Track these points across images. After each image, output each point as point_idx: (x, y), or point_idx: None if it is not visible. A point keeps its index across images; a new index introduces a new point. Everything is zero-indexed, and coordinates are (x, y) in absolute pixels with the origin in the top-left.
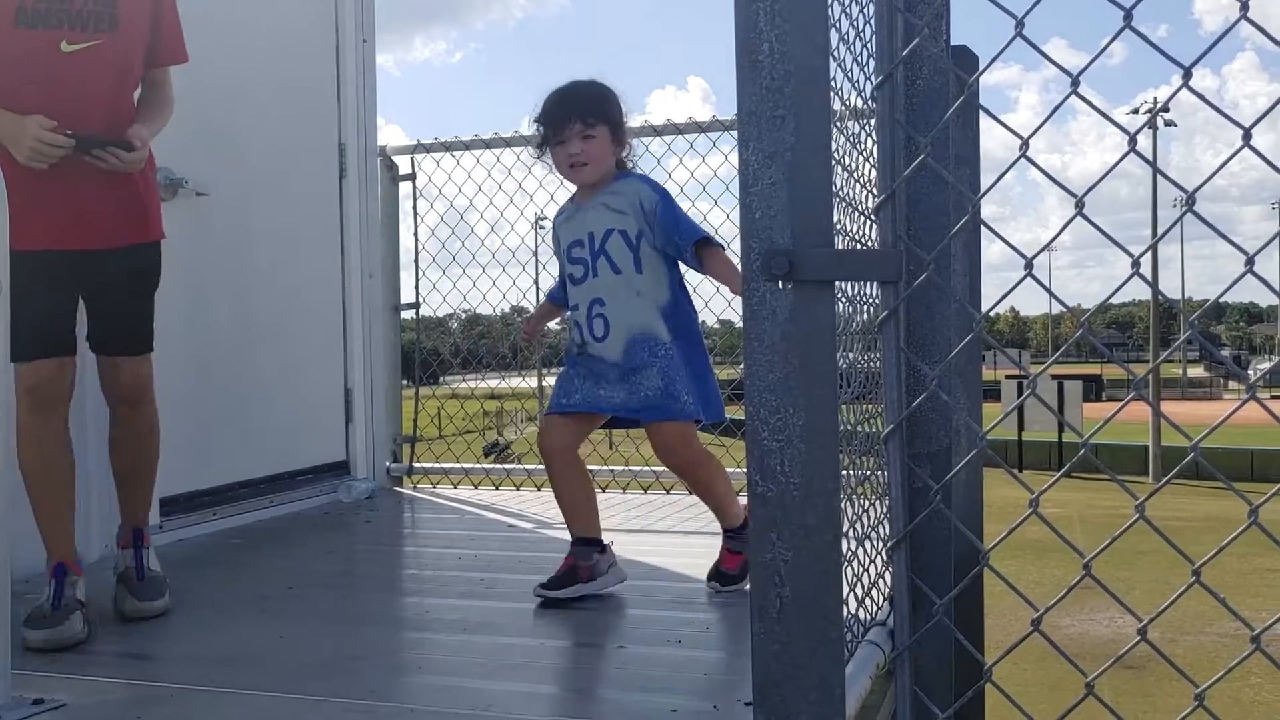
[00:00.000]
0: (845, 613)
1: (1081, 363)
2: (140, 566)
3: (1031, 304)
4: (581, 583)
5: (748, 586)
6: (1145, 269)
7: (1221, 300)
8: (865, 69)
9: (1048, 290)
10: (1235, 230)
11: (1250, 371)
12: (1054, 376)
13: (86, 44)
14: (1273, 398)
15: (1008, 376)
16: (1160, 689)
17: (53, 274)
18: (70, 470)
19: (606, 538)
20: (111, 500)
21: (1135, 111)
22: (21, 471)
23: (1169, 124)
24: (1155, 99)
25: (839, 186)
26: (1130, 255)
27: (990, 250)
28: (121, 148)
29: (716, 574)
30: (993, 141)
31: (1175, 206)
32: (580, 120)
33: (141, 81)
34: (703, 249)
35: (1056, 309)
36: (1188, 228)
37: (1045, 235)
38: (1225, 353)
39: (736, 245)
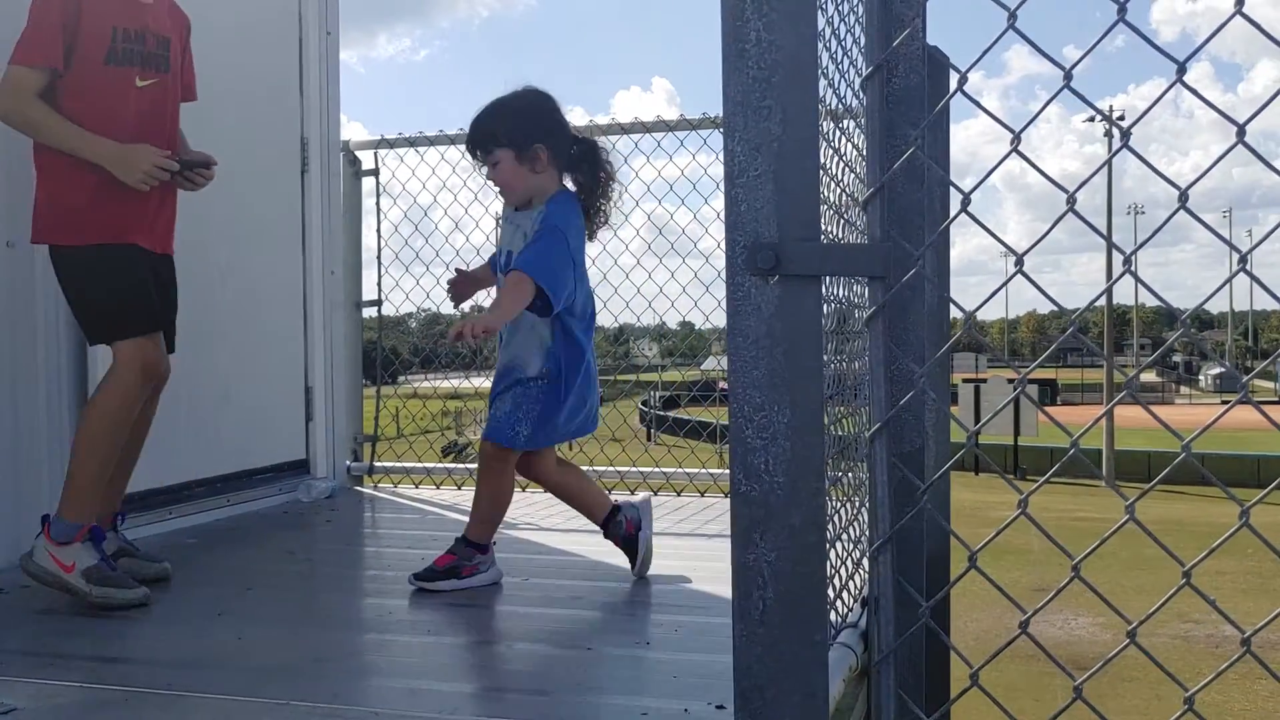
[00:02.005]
0: None
1: (1038, 367)
2: (129, 542)
3: (987, 308)
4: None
5: (441, 588)
6: (1103, 272)
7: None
8: (840, 66)
9: (1039, 289)
10: (1190, 236)
11: (1201, 377)
12: (1009, 380)
13: (153, 81)
14: (1223, 403)
15: (964, 380)
16: (1114, 690)
17: (144, 267)
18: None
19: (573, 539)
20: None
21: (1093, 119)
22: (103, 442)
23: (1134, 124)
24: (1111, 106)
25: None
26: (1123, 253)
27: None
28: (204, 168)
29: (426, 569)
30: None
31: (1129, 213)
32: (481, 151)
33: None
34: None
35: (1013, 314)
36: (1143, 235)
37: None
38: (1176, 358)
39: (703, 244)
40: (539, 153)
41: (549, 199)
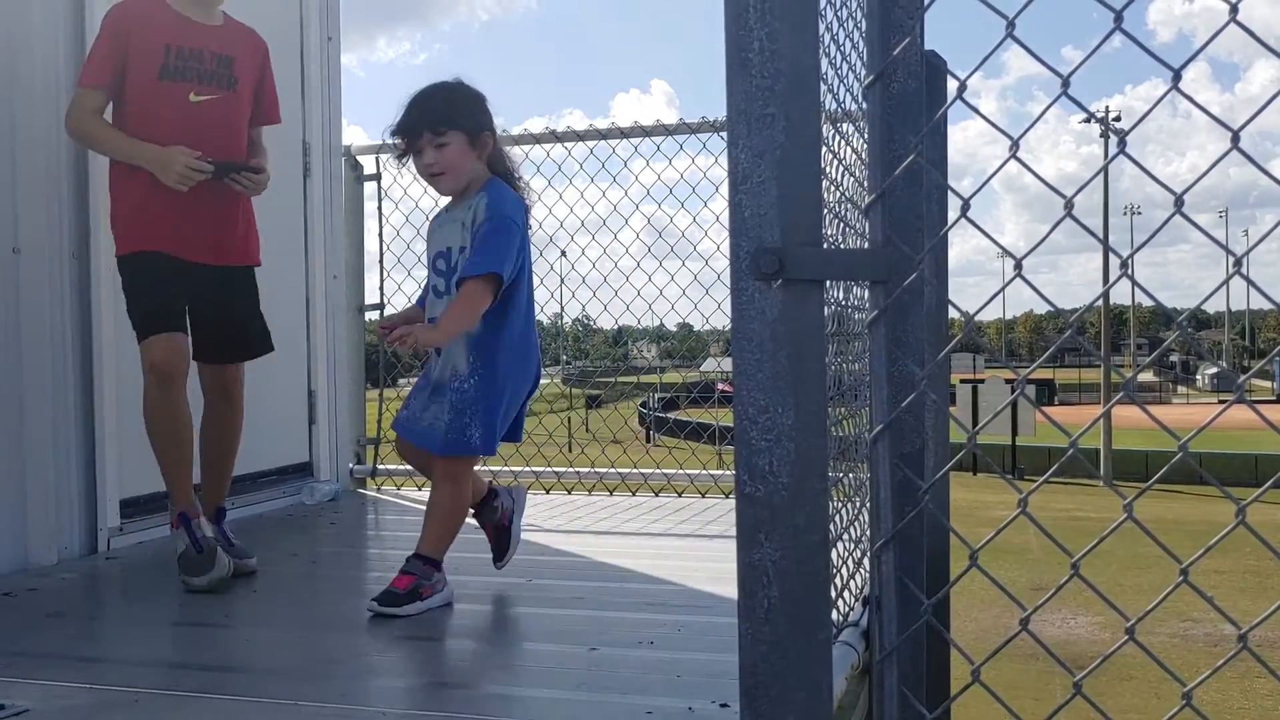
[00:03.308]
0: None
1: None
2: (227, 536)
3: (985, 309)
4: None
5: (406, 612)
6: (1106, 272)
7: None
8: (839, 71)
9: (1037, 292)
10: (1187, 237)
11: (1198, 376)
12: (1007, 380)
13: (209, 96)
14: (1220, 402)
15: (962, 380)
16: (1112, 689)
17: (168, 272)
18: (190, 432)
19: (575, 540)
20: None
21: (1088, 120)
22: (153, 435)
23: (1133, 128)
24: (1108, 107)
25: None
26: (1119, 256)
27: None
28: (251, 171)
29: (385, 593)
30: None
31: (1125, 214)
32: (429, 129)
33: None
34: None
35: (1009, 315)
36: (1139, 235)
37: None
38: (1174, 358)
39: (702, 246)
40: (487, 140)
41: (486, 188)
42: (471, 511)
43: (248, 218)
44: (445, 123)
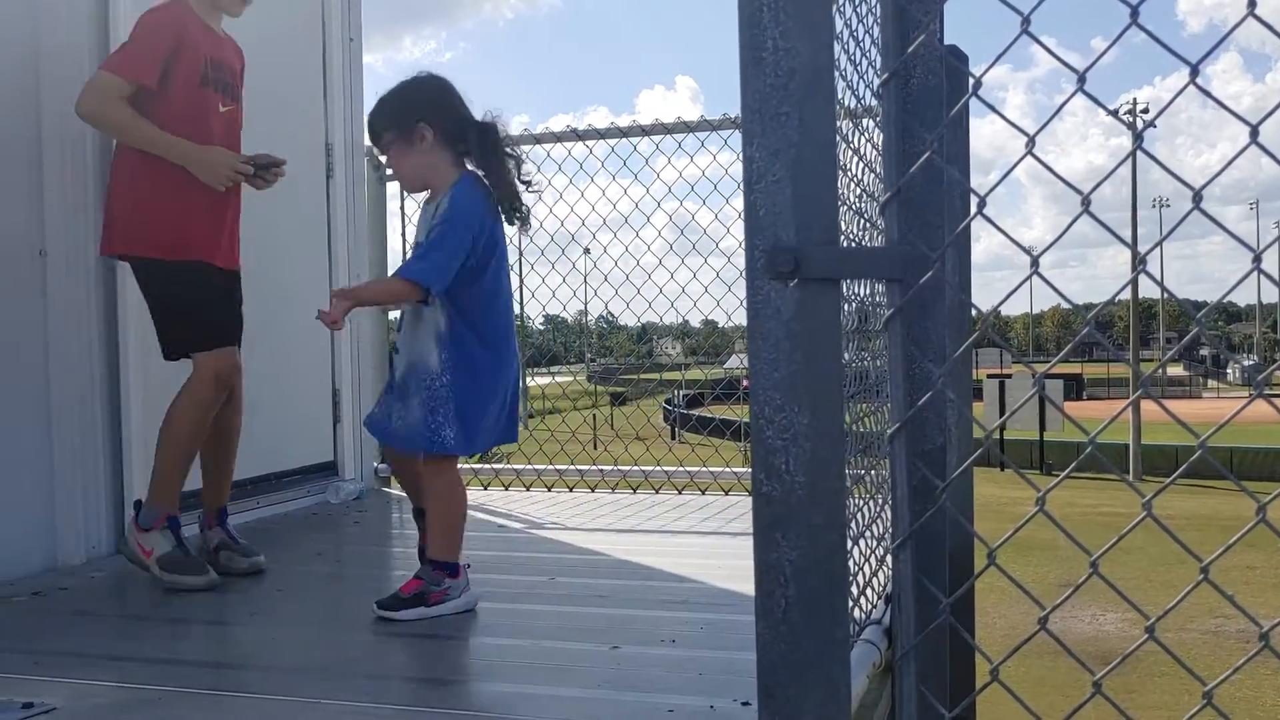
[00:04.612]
0: None
1: (1061, 361)
2: (233, 536)
3: (1012, 303)
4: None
5: (405, 617)
6: (1154, 263)
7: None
8: (859, 67)
9: (1054, 288)
10: (1217, 229)
11: (1228, 370)
12: (1034, 375)
13: (229, 108)
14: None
15: (989, 375)
16: (1143, 686)
17: (219, 281)
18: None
19: (598, 538)
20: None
21: (1115, 113)
22: (181, 441)
23: (1149, 125)
24: (1135, 100)
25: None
26: (1137, 252)
27: (973, 250)
28: (275, 166)
29: (391, 596)
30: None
31: (1154, 207)
32: (374, 143)
33: None
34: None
35: (1037, 309)
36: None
37: (1028, 235)
38: (1204, 352)
39: (725, 243)
40: (423, 131)
41: (452, 186)
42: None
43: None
44: (377, 134)
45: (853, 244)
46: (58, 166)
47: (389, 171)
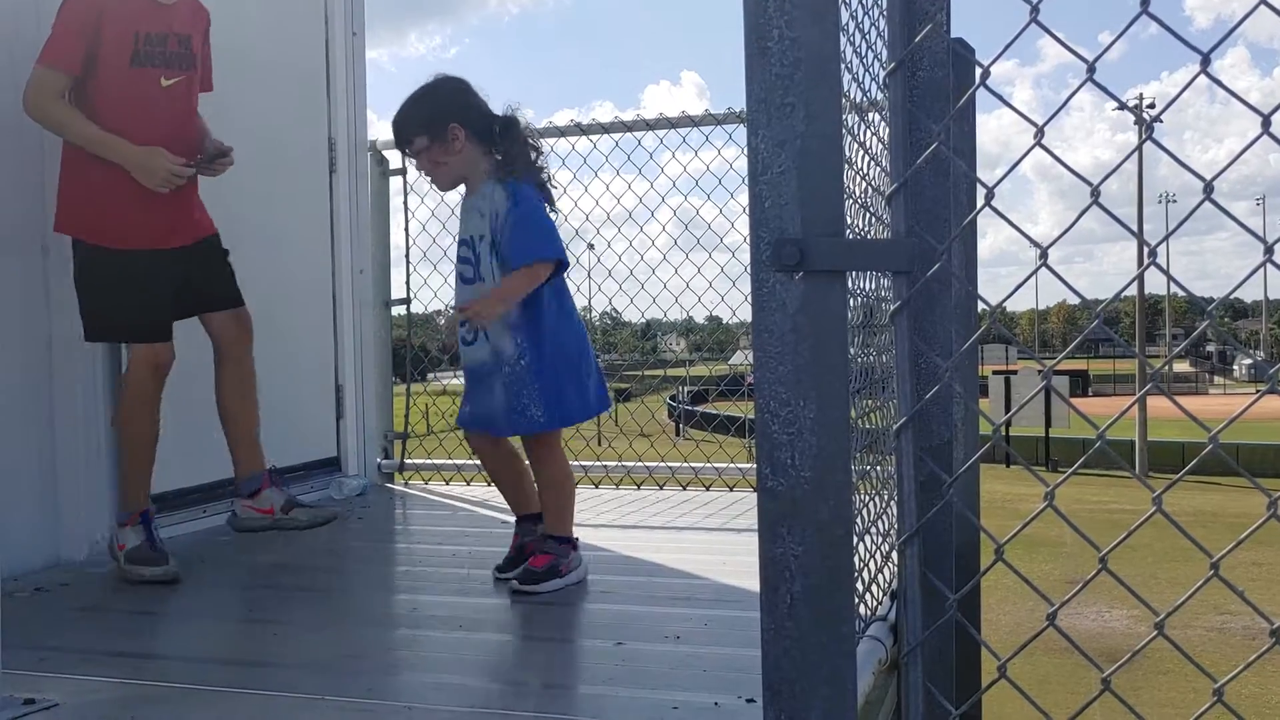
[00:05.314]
0: None
1: (1067, 357)
2: (292, 495)
3: (1018, 299)
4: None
5: (545, 589)
6: (1160, 259)
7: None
8: (864, 58)
9: (1063, 281)
10: (1225, 225)
11: (1235, 366)
12: (1039, 371)
13: (176, 79)
14: (1256, 392)
15: (994, 371)
16: (1148, 683)
17: (162, 269)
18: (156, 436)
19: (602, 534)
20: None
21: (1122, 107)
22: (131, 434)
23: (1157, 118)
24: (1142, 94)
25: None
26: (1147, 245)
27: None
28: (221, 156)
29: (524, 572)
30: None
31: (1160, 203)
32: (402, 147)
33: None
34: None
35: (1043, 304)
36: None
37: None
38: (1210, 348)
39: (729, 238)
40: (455, 132)
41: (488, 178)
42: (517, 522)
43: (196, 196)
44: (406, 139)
45: (855, 234)
46: (57, 160)
47: (411, 171)
